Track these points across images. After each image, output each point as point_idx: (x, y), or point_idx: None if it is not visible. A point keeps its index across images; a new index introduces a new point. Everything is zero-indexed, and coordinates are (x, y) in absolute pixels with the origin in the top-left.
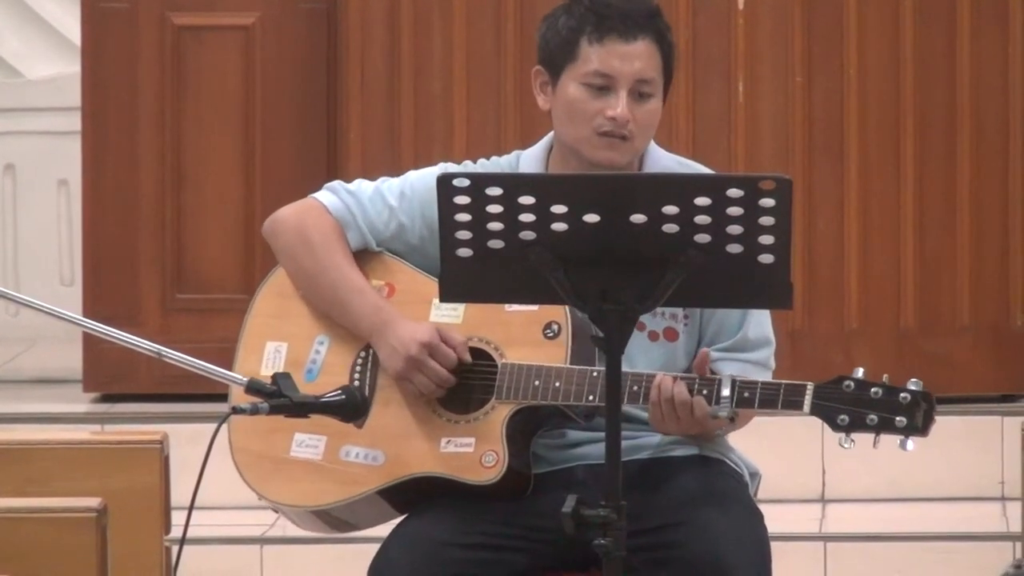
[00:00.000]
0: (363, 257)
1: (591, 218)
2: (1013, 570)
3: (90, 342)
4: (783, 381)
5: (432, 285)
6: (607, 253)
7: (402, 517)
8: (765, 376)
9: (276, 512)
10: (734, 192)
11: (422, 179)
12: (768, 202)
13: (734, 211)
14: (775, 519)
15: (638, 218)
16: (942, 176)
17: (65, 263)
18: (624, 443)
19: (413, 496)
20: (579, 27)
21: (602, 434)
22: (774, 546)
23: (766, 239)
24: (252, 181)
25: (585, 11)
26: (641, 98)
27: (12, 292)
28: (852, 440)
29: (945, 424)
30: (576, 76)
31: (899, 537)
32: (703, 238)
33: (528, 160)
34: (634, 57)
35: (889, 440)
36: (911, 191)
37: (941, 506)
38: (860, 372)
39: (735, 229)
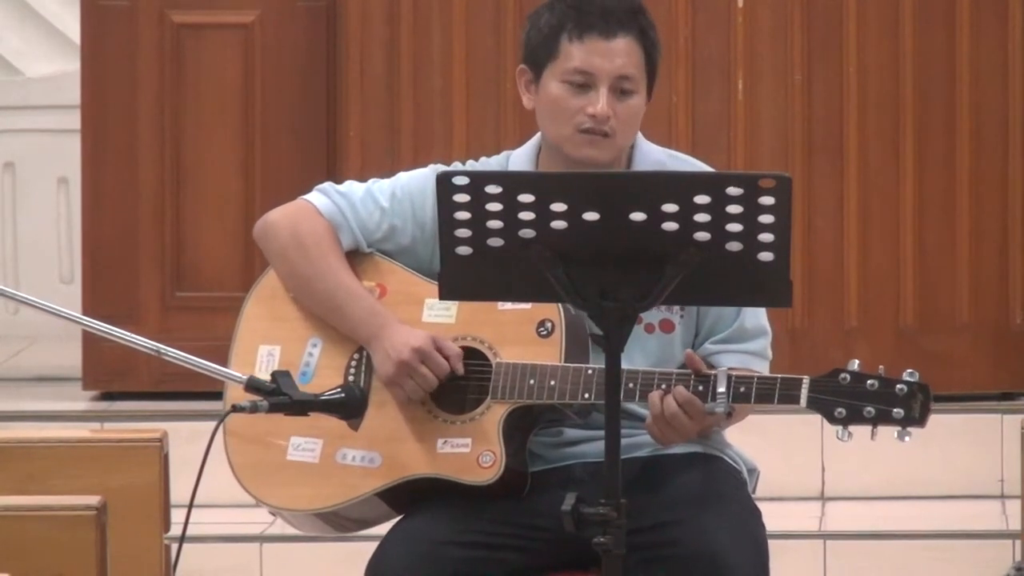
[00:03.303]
0: (355, 258)
1: (591, 216)
2: (1014, 572)
3: (90, 340)
4: (779, 375)
5: (424, 286)
6: (606, 251)
7: (400, 516)
8: (763, 366)
9: (275, 516)
10: (734, 190)
11: (413, 180)
12: (768, 200)
13: (734, 209)
14: (774, 517)
15: (638, 216)
16: (941, 174)
17: (65, 261)
18: (622, 441)
19: (411, 497)
20: (560, 24)
21: (600, 432)
22: (773, 544)
23: (766, 237)
24: (251, 179)
25: (566, 8)
26: (623, 95)
27: (12, 290)
28: (849, 433)
29: (944, 422)
30: (557, 74)
31: (898, 535)
32: (703, 236)
33: (518, 160)
34: (615, 54)
35: (887, 435)
36: (910, 189)
37: (940, 504)
38: (856, 364)
39: (735, 227)
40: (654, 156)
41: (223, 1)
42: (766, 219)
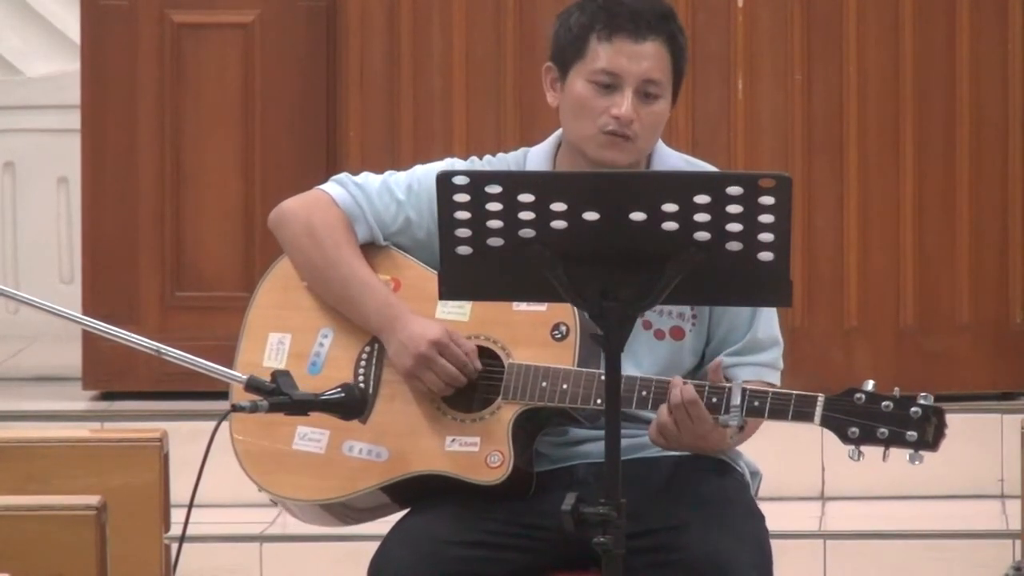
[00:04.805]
0: (370, 251)
1: (591, 216)
2: (1013, 571)
3: (89, 340)
4: (794, 392)
5: None
6: (607, 251)
7: (403, 513)
8: (775, 376)
9: (276, 504)
10: (734, 190)
11: (429, 174)
12: (768, 200)
13: (734, 209)
14: (775, 517)
15: (638, 216)
16: (941, 174)
17: (65, 261)
18: (627, 441)
19: (416, 493)
20: (590, 24)
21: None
22: (774, 544)
23: (766, 237)
24: (251, 179)
25: (597, 9)
26: (647, 99)
27: (12, 290)
28: (861, 453)
29: None
30: (584, 73)
31: (898, 535)
32: (703, 236)
33: (535, 158)
34: (642, 57)
35: (897, 451)
36: (910, 189)
37: (940, 504)
38: (871, 385)
39: (735, 227)
40: (671, 161)
41: (223, 1)
42: (766, 219)
